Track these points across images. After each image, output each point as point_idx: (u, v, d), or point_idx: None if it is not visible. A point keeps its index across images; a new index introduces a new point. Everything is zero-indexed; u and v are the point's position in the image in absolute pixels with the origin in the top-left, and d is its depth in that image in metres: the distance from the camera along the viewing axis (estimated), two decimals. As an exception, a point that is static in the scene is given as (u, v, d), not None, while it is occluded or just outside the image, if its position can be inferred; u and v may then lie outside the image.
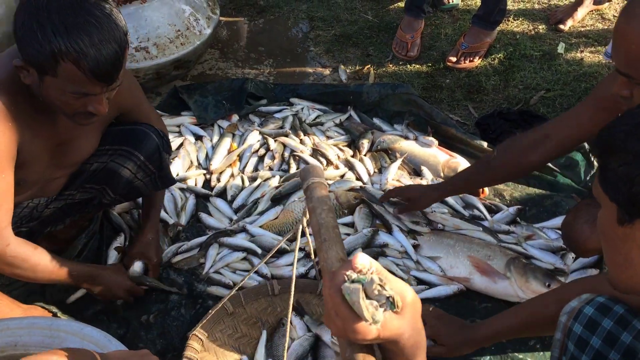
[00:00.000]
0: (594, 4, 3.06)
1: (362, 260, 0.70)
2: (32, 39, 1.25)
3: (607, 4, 3.13)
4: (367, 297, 0.67)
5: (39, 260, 1.57)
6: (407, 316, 0.70)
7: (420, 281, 1.95)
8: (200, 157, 2.39)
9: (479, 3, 2.95)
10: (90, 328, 1.30)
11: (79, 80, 1.30)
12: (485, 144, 2.40)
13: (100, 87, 1.34)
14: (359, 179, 2.30)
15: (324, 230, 0.98)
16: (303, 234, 1.58)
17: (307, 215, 1.24)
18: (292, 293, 1.34)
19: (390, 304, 0.67)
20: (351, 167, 2.34)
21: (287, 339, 1.37)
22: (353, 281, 0.68)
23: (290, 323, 1.76)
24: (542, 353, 1.75)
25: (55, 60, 1.26)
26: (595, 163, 2.31)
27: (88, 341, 1.27)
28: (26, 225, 1.75)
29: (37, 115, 1.46)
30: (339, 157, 2.38)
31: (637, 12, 1.23)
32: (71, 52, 1.25)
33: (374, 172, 2.34)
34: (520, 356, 1.75)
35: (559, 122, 1.72)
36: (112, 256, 1.96)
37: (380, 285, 0.67)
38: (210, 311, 1.66)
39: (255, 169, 2.37)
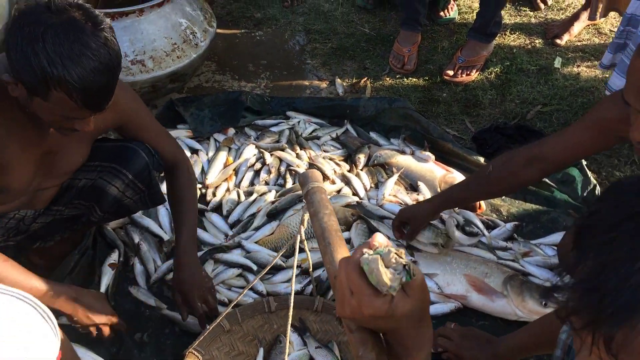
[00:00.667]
0: (589, 19, 3.07)
1: (380, 238, 0.73)
2: (25, 64, 1.24)
3: (602, 19, 3.14)
4: (385, 266, 0.70)
5: (5, 274, 1.41)
6: (417, 297, 0.71)
7: (417, 298, 1.93)
8: (196, 171, 2.38)
9: (475, 17, 2.96)
10: (84, 351, 1.28)
11: (69, 107, 1.30)
12: (482, 159, 2.39)
13: (89, 113, 1.35)
14: (355, 194, 2.29)
15: (327, 234, 0.97)
16: (301, 249, 1.57)
17: (305, 224, 1.23)
18: (291, 308, 1.33)
19: (406, 273, 0.70)
20: (347, 182, 2.33)
21: (287, 356, 1.36)
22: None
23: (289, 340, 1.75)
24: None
25: (47, 87, 1.25)
26: (592, 179, 2.30)
27: (80, 364, 1.25)
28: (13, 238, 1.72)
29: (23, 122, 1.43)
30: (335, 171, 2.38)
31: None
32: (64, 83, 1.24)
33: (371, 187, 2.33)
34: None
35: (556, 141, 1.70)
36: (107, 272, 1.94)
37: (397, 255, 0.70)
38: (206, 328, 1.64)
39: (251, 184, 2.36)
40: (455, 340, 1.70)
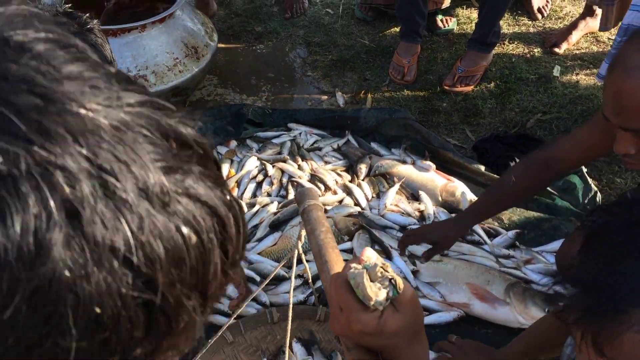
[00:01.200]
0: (600, 30, 3.04)
1: (368, 253, 0.72)
2: None
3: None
4: (371, 280, 0.69)
5: None
6: (407, 313, 0.70)
7: (419, 307, 1.93)
8: (199, 184, 2.40)
9: (474, 27, 2.99)
10: None
11: None
12: (482, 168, 2.41)
13: None
14: (357, 204, 2.31)
15: (324, 252, 0.98)
16: (300, 261, 1.58)
17: (302, 240, 1.25)
18: (290, 318, 1.34)
19: (392, 287, 0.69)
20: (349, 193, 2.34)
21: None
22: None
23: (291, 350, 1.76)
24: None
25: None
26: (593, 186, 2.31)
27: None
28: None
29: None
30: (337, 182, 2.39)
31: (634, 63, 1.13)
32: None
33: (372, 196, 2.35)
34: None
35: (566, 142, 1.69)
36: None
37: (383, 268, 0.70)
38: (209, 340, 1.65)
39: (254, 195, 2.38)
40: (453, 354, 1.70)
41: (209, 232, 0.35)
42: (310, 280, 1.74)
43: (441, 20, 3.25)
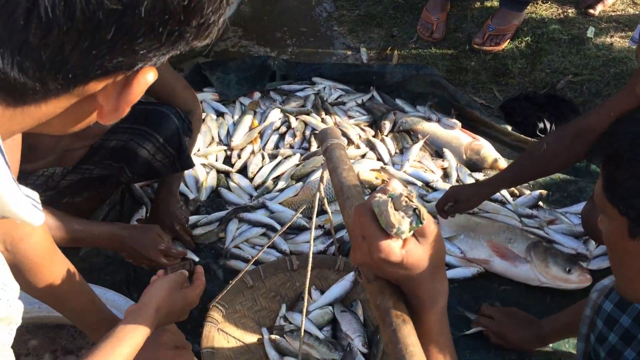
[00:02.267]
0: None
1: (395, 184, 0.72)
2: None
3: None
4: (395, 209, 0.69)
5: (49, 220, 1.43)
6: (429, 246, 0.70)
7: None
8: (222, 134, 2.40)
9: (507, -15, 2.89)
10: (112, 293, 1.32)
11: None
12: (509, 128, 2.36)
13: None
14: (379, 159, 2.29)
15: (345, 189, 0.97)
16: (321, 212, 1.57)
17: (324, 182, 1.24)
18: (310, 262, 1.34)
19: (416, 217, 0.68)
20: (372, 147, 2.32)
21: (305, 309, 1.37)
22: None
23: (310, 296, 1.78)
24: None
25: None
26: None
27: (110, 306, 1.29)
28: (42, 194, 1.76)
29: None
30: (360, 137, 2.37)
31: None
32: None
33: (395, 152, 2.32)
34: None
35: (601, 111, 1.66)
36: (134, 227, 1.98)
37: (408, 198, 0.69)
38: (230, 282, 1.67)
39: (276, 147, 2.37)
40: (497, 319, 1.70)
41: None
42: (332, 228, 1.75)
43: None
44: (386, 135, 2.37)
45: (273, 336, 1.67)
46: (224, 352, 1.61)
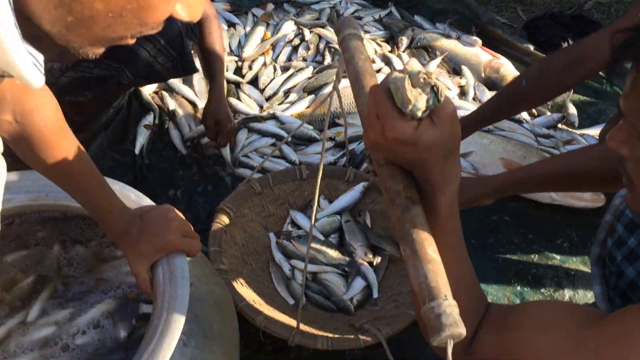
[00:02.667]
0: None
1: (413, 63, 0.69)
2: None
3: None
4: (413, 86, 0.65)
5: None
6: (444, 128, 0.67)
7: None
8: (233, 44, 2.33)
9: None
10: (121, 185, 1.29)
11: None
12: (532, 47, 2.27)
13: None
14: (395, 74, 2.22)
15: (361, 77, 0.93)
16: (337, 124, 1.50)
17: (340, 78, 1.18)
18: (321, 170, 1.30)
19: (434, 95, 0.65)
20: (388, 62, 2.25)
21: (314, 216, 1.35)
22: None
23: (318, 205, 1.76)
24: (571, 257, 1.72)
25: None
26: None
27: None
28: None
29: None
30: (375, 52, 2.29)
31: None
32: None
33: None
34: (548, 254, 1.72)
35: (601, 37, 1.52)
36: (142, 132, 1.95)
37: (427, 75, 0.65)
38: (239, 185, 1.65)
39: (289, 59, 2.30)
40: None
41: None
42: (346, 139, 1.70)
43: None
44: (403, 51, 2.29)
45: (280, 240, 1.67)
46: (231, 252, 1.61)
